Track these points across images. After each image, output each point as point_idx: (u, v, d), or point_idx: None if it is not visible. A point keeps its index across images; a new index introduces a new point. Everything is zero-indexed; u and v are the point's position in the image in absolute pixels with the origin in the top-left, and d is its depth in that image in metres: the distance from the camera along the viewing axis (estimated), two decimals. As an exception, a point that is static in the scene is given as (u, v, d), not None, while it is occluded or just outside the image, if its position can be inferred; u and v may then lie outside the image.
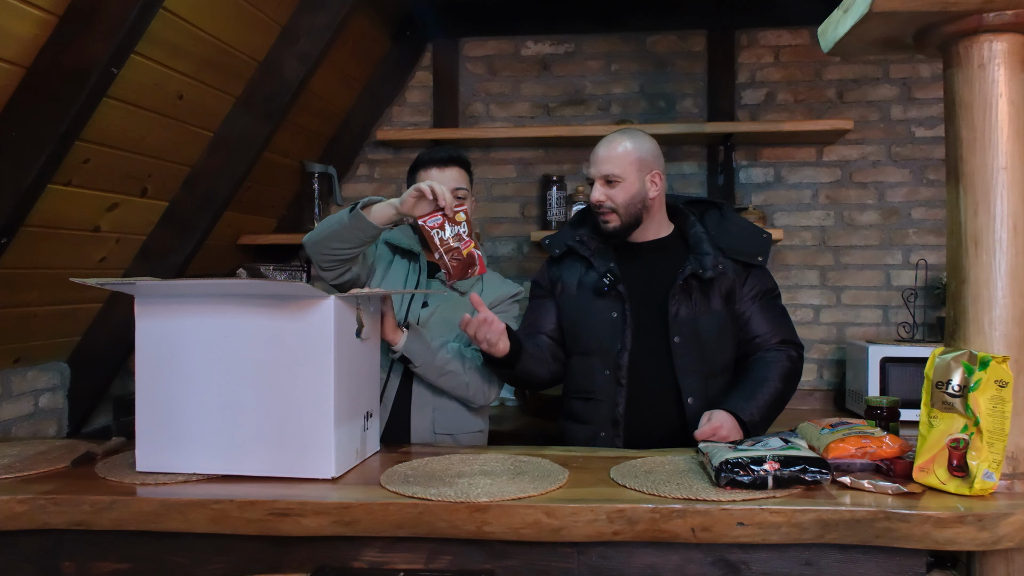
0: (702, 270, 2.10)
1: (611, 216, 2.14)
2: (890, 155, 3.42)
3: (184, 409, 1.67)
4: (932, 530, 1.40)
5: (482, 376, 2.19)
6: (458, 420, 2.23)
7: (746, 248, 2.17)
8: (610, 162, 2.12)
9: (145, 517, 1.53)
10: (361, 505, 1.50)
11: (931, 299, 3.34)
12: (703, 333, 2.11)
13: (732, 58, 3.48)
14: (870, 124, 3.42)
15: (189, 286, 1.68)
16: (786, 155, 3.48)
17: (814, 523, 1.43)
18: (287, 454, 1.64)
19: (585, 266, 2.23)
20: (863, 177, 3.44)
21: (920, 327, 3.32)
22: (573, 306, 2.22)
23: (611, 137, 2.17)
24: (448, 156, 2.23)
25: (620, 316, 2.13)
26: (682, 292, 2.11)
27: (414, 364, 2.09)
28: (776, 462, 1.50)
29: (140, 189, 2.51)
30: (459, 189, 2.19)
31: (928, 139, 3.40)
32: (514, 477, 1.63)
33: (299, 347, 1.63)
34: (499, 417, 3.21)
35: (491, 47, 3.61)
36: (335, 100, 3.37)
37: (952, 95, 1.60)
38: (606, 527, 1.46)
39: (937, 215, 3.40)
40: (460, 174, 2.22)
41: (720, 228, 2.21)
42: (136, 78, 2.17)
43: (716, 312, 2.12)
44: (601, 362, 2.14)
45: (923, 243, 3.40)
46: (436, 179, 2.15)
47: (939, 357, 1.55)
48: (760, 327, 2.15)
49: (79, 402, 2.79)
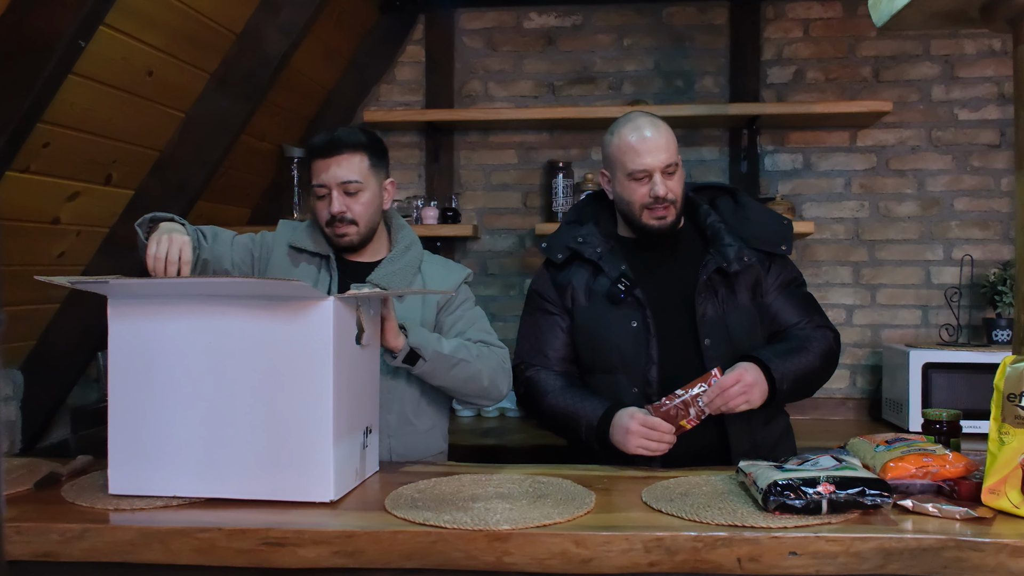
0: (727, 263, 2.08)
1: (670, 210, 2.10)
2: (931, 140, 3.41)
3: (163, 424, 1.62)
4: (1007, 560, 1.38)
5: (493, 363, 2.12)
6: (418, 444, 2.16)
7: (769, 236, 2.15)
8: (668, 149, 2.08)
9: (122, 547, 1.49)
10: (367, 533, 1.46)
11: (976, 298, 3.33)
12: (734, 332, 2.09)
13: (757, 32, 3.45)
14: (909, 106, 3.41)
15: (169, 285, 1.64)
16: (816, 140, 3.46)
17: (875, 552, 1.40)
18: (280, 475, 1.60)
19: (592, 271, 2.17)
20: (901, 164, 3.43)
21: (964, 329, 3.32)
22: (586, 318, 2.16)
23: (649, 122, 2.11)
24: (331, 141, 2.06)
25: (641, 325, 2.09)
26: (707, 290, 2.09)
27: (424, 359, 2.00)
28: (831, 484, 1.47)
29: (104, 176, 2.46)
30: (350, 183, 2.04)
31: (973, 122, 3.39)
32: (535, 501, 1.60)
33: (294, 354, 1.59)
34: (500, 430, 3.19)
35: (490, 19, 3.57)
36: (317, 77, 3.33)
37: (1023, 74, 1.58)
38: (642, 558, 1.43)
39: (982, 206, 3.39)
40: (352, 161, 2.05)
41: (737, 216, 2.19)
42: (102, 52, 2.12)
43: (745, 308, 2.11)
44: (628, 380, 2.09)
45: (967, 237, 3.39)
46: (322, 174, 2.05)
47: (1011, 366, 1.52)
48: (791, 316, 2.15)
49: (34, 413, 2.73)
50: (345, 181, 2.05)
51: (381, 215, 2.18)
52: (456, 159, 3.58)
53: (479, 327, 2.21)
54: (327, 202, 2.06)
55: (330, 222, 2.08)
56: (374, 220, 2.14)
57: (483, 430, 3.18)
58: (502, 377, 2.15)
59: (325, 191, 2.06)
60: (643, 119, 2.12)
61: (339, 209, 2.05)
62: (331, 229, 2.09)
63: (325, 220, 2.08)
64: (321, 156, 2.06)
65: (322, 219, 2.09)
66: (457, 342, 2.10)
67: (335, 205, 2.05)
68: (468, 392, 2.13)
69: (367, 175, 2.08)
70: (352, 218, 2.07)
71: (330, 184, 2.05)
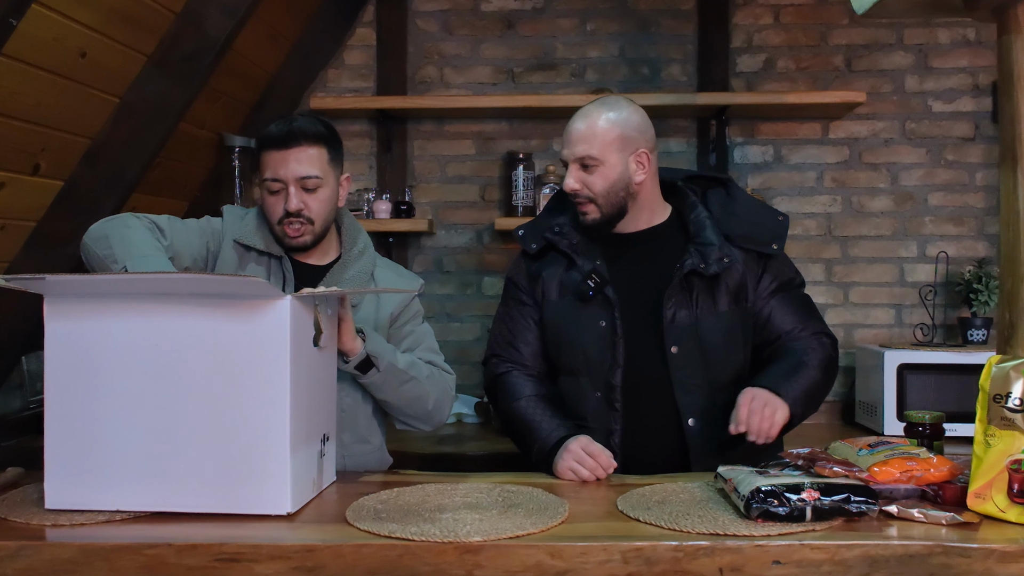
0: (704, 265, 2.06)
1: (589, 207, 2.09)
2: (904, 132, 3.49)
3: (105, 432, 1.59)
4: (995, 566, 1.42)
5: (440, 388, 2.14)
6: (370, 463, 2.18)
7: (758, 234, 2.12)
8: (585, 141, 2.06)
9: (61, 566, 1.46)
10: (328, 547, 1.45)
11: (951, 297, 3.42)
12: (706, 340, 2.07)
13: (726, 18, 3.51)
14: (882, 96, 3.49)
15: (111, 282, 1.61)
16: (787, 131, 3.52)
17: (860, 560, 1.43)
18: (233, 486, 1.58)
19: (566, 264, 2.16)
20: (874, 157, 3.50)
21: (939, 329, 3.40)
22: (554, 314, 2.16)
23: (587, 109, 2.11)
24: (289, 132, 2.00)
25: (609, 325, 2.08)
26: (680, 292, 2.07)
27: (377, 368, 1.99)
28: (816, 490, 1.50)
29: (31, 165, 2.41)
30: (308, 178, 2.00)
31: (947, 114, 3.47)
32: (506, 511, 1.61)
33: (247, 357, 1.57)
34: (459, 437, 3.19)
35: (446, 1, 3.57)
36: (261, 61, 3.29)
37: (1009, 66, 1.63)
38: (620, 569, 1.44)
39: (957, 201, 3.48)
40: (310, 155, 2.01)
41: (726, 210, 2.16)
42: (33, 31, 2.08)
43: (722, 313, 2.09)
44: (591, 383, 2.10)
45: (942, 233, 3.48)
46: (278, 166, 1.99)
47: (996, 366, 1.56)
48: (784, 322, 2.12)
49: (-49, 423, 2.68)
50: (304, 176, 2.00)
51: (335, 213, 2.14)
52: (410, 149, 3.57)
53: (428, 346, 2.21)
54: (281, 198, 2.01)
55: (282, 220, 2.03)
56: (330, 219, 2.11)
57: (439, 438, 3.17)
58: (446, 403, 2.17)
59: (280, 186, 2.01)
60: (590, 107, 2.12)
61: (297, 206, 2.00)
62: (283, 227, 2.04)
63: (278, 217, 2.04)
64: (277, 147, 2.00)
65: (274, 216, 2.04)
66: (411, 358, 2.09)
67: (292, 202, 2.00)
68: (410, 412, 2.13)
69: (327, 170, 2.04)
70: (310, 216, 2.02)
71: (287, 179, 1.99)
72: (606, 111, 2.09)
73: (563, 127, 2.00)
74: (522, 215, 3.38)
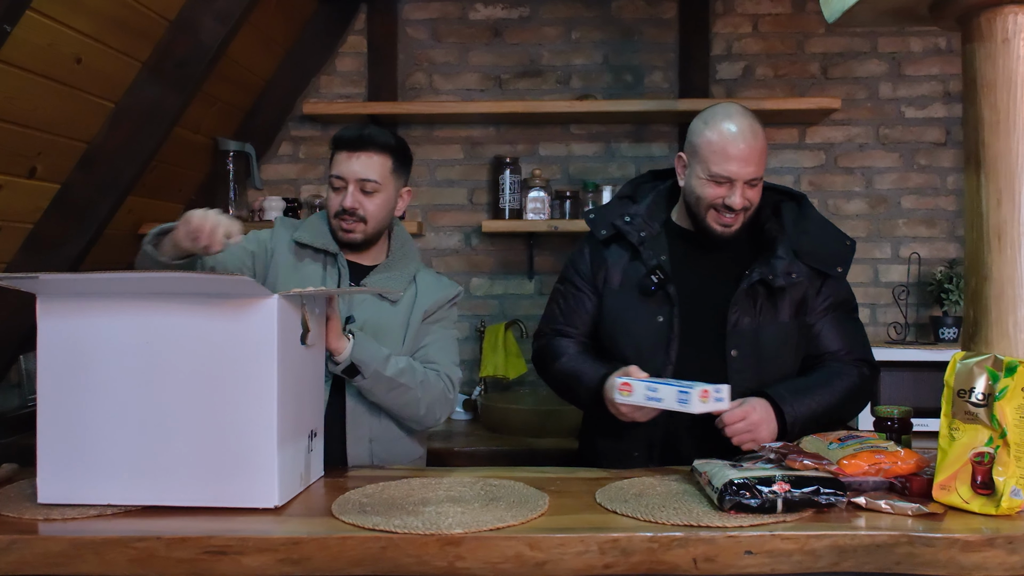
0: (772, 277, 2.02)
1: (739, 219, 2.04)
2: (878, 137, 3.50)
3: (97, 428, 1.59)
4: (958, 555, 1.43)
5: (435, 392, 2.13)
6: (399, 449, 2.19)
7: (826, 255, 2.08)
8: (759, 161, 2.00)
9: (52, 559, 1.45)
10: (314, 540, 1.45)
11: (924, 296, 3.43)
12: (764, 347, 2.04)
13: (706, 27, 3.51)
14: (857, 103, 3.49)
15: (103, 281, 1.60)
16: (766, 136, 3.51)
17: (829, 550, 1.44)
18: (221, 480, 1.58)
19: (631, 255, 2.13)
20: (849, 161, 3.51)
21: (912, 327, 3.41)
22: (614, 303, 2.14)
23: (749, 124, 2.03)
24: (358, 137, 2.10)
25: (666, 322, 2.06)
26: (746, 299, 2.04)
27: (363, 375, 2.00)
28: (786, 483, 1.51)
29: (28, 169, 2.40)
30: (368, 181, 2.09)
31: (919, 120, 3.48)
32: (487, 504, 1.61)
33: (236, 354, 1.57)
34: (447, 434, 3.18)
35: (435, 9, 3.57)
36: (255, 67, 3.29)
37: (972, 73, 1.64)
38: (597, 559, 1.44)
39: (929, 204, 3.49)
40: (373, 161, 2.09)
41: (798, 226, 2.11)
42: (28, 37, 2.07)
43: (782, 324, 2.06)
44: None
45: (914, 235, 3.49)
46: (343, 166, 2.09)
47: (961, 362, 1.57)
48: (831, 343, 2.09)
49: (-51, 421, 2.67)
50: (364, 179, 2.09)
51: (390, 221, 2.22)
52: (399, 154, 3.56)
53: (440, 348, 2.22)
54: (341, 195, 2.10)
55: (339, 214, 2.11)
56: (383, 224, 2.17)
57: (429, 434, 3.16)
58: (442, 407, 2.17)
59: (342, 183, 2.10)
60: (744, 121, 2.03)
61: (351, 204, 2.09)
62: (338, 221, 2.12)
63: (335, 211, 2.11)
64: (346, 149, 2.10)
65: (332, 210, 2.13)
66: (406, 363, 2.10)
67: (348, 199, 2.09)
68: (402, 415, 2.15)
69: (387, 177, 2.12)
70: (363, 215, 2.10)
71: (348, 178, 2.09)
72: (755, 124, 2.04)
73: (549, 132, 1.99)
74: (509, 218, 3.38)
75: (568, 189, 3.43)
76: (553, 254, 3.56)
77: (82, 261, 2.74)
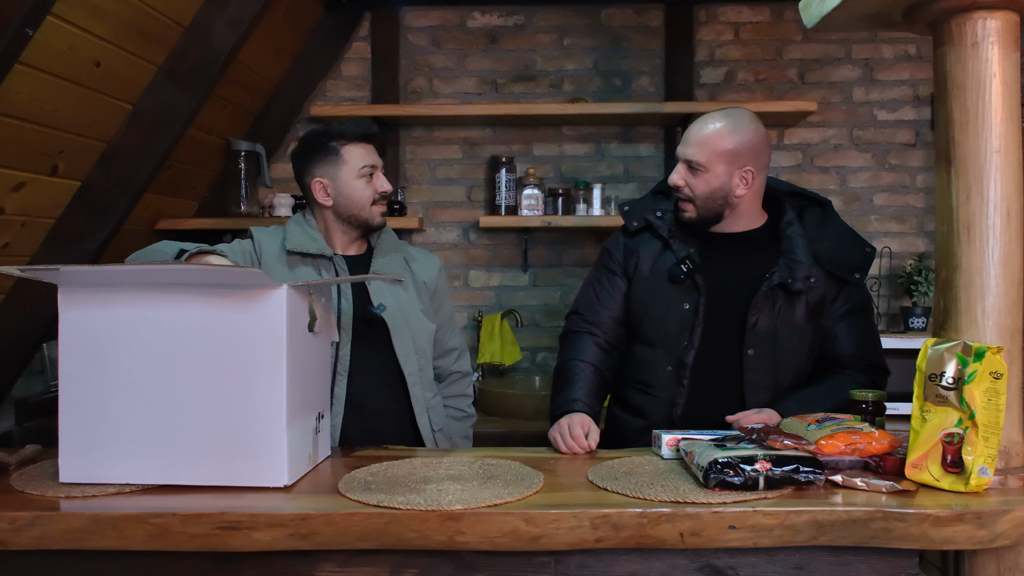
0: (791, 280, 1.99)
1: (687, 205, 2.04)
2: (852, 139, 3.49)
3: (115, 411, 1.58)
4: (930, 529, 1.42)
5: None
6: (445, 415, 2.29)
7: (845, 261, 2.04)
8: (696, 146, 2.00)
9: (73, 535, 1.44)
10: (321, 516, 1.44)
11: (894, 288, 3.42)
12: (780, 348, 2.02)
13: (691, 34, 3.50)
14: (832, 106, 3.49)
15: (121, 272, 1.59)
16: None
17: (808, 525, 1.43)
18: (234, 460, 1.57)
19: (662, 246, 2.12)
20: (824, 161, 3.50)
21: (884, 317, 3.41)
22: (643, 288, 2.12)
23: (712, 116, 2.03)
24: (367, 133, 2.16)
25: (692, 309, 2.04)
26: (765, 302, 2.01)
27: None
28: (768, 462, 1.50)
29: (50, 167, 2.38)
30: (377, 167, 2.17)
31: (890, 122, 3.48)
32: (485, 482, 1.60)
33: (247, 341, 1.56)
34: (446, 416, 3.17)
35: (435, 17, 3.55)
36: (264, 72, 3.26)
37: (943, 75, 1.62)
38: (589, 534, 1.44)
39: (899, 201, 3.49)
40: (374, 150, 2.19)
41: (820, 232, 2.07)
42: (49, 41, 2.05)
43: (799, 326, 2.02)
44: (665, 356, 2.06)
45: (885, 230, 3.48)
46: (358, 156, 2.12)
47: (932, 348, 1.56)
48: (845, 347, 2.06)
49: (-23, 405, 2.65)
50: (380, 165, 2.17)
51: None
52: (402, 154, 3.55)
53: (453, 328, 2.34)
54: (374, 180, 2.13)
55: (378, 200, 2.14)
56: None
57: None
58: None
59: (372, 170, 2.13)
60: (715, 114, 2.03)
61: (389, 187, 2.16)
62: (379, 206, 2.15)
63: (372, 198, 2.13)
64: (365, 140, 2.14)
65: (367, 197, 2.13)
66: None
67: (384, 183, 2.14)
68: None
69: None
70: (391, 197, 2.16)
71: (377, 164, 2.14)
72: (727, 123, 2.01)
73: (542, 133, 1.99)
74: (505, 214, 3.37)
75: (560, 187, 3.42)
76: (546, 248, 3.55)
77: (101, 254, 2.72)
